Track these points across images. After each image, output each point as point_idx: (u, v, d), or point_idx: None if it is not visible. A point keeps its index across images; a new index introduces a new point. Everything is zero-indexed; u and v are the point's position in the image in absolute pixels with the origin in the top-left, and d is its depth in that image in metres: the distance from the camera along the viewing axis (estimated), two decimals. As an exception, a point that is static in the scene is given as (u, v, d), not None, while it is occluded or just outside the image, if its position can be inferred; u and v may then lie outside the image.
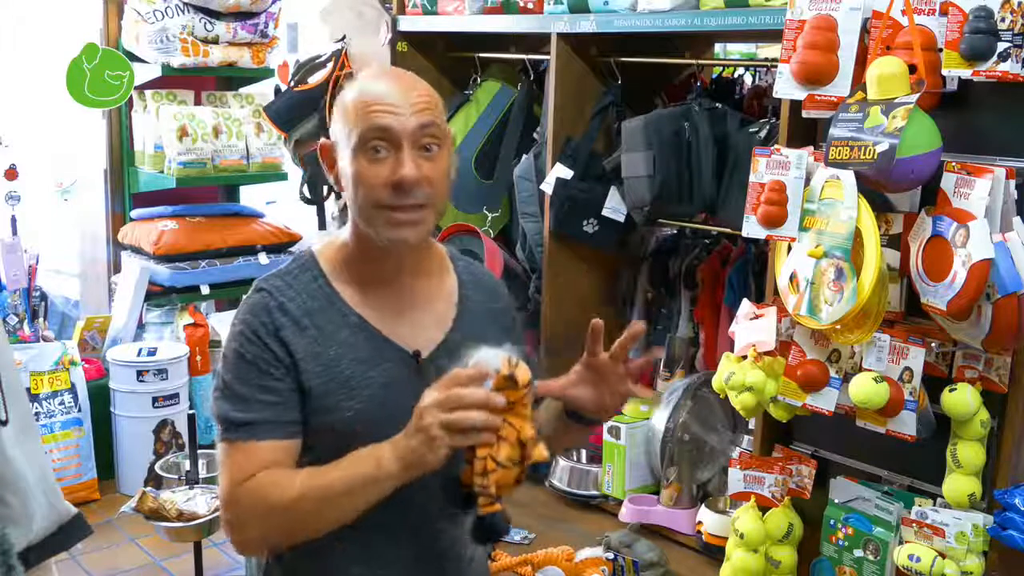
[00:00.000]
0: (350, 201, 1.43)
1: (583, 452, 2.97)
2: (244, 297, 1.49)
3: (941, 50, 1.82)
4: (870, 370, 1.91)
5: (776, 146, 2.06)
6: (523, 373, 1.28)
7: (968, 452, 1.87)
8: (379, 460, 1.30)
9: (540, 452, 1.31)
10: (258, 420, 1.40)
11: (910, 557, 1.91)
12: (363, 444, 1.34)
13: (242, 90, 4.95)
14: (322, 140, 1.50)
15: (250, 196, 5.24)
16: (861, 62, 1.93)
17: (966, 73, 1.78)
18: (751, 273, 2.76)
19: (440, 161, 1.42)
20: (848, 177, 1.87)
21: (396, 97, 1.38)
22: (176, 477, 3.24)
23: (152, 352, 4.26)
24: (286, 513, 1.37)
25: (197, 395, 4.49)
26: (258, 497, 1.38)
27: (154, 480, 3.73)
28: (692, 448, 2.65)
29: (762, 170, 2.03)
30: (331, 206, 3.76)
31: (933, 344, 1.91)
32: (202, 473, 3.25)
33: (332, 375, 1.42)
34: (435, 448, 1.26)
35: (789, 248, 2.01)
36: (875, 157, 1.78)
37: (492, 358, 1.28)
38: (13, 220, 4.18)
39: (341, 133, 1.44)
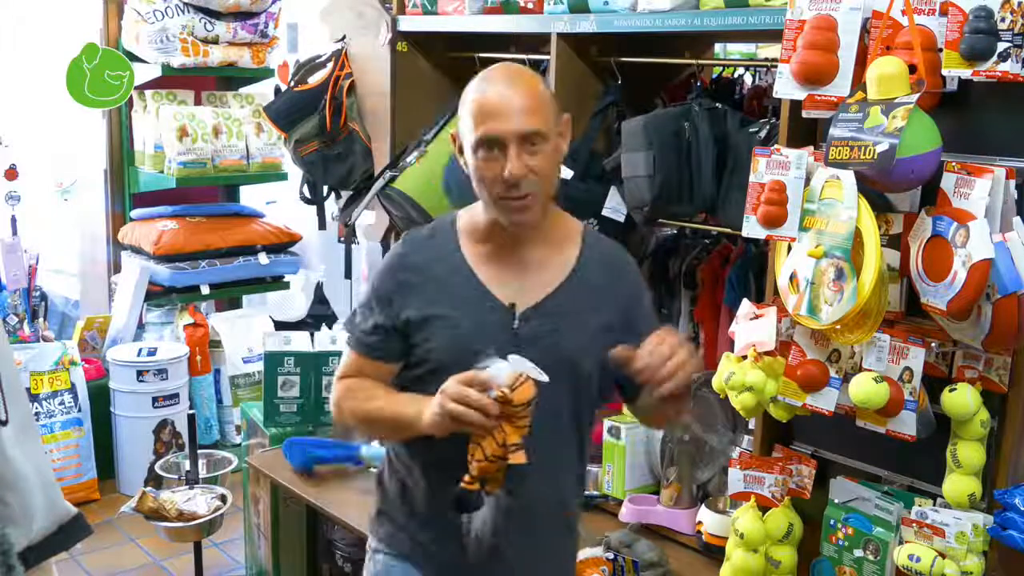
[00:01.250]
0: (475, 186, 1.69)
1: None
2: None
3: (941, 50, 1.82)
4: (870, 370, 1.91)
5: (776, 146, 2.06)
6: (521, 394, 1.51)
7: (968, 452, 1.87)
8: (419, 412, 1.60)
9: (518, 457, 1.54)
10: (361, 340, 1.77)
11: (910, 557, 1.91)
12: (447, 376, 1.56)
13: (242, 90, 4.95)
14: (452, 131, 1.75)
15: (250, 196, 5.24)
16: (861, 62, 1.93)
17: (966, 73, 1.78)
18: (751, 273, 2.75)
19: (546, 152, 1.64)
20: (848, 177, 1.87)
21: (506, 105, 1.61)
22: (176, 477, 3.25)
23: (152, 352, 4.27)
24: (347, 415, 1.78)
25: (197, 395, 4.50)
26: (340, 394, 1.79)
27: (154, 480, 3.73)
28: (692, 448, 2.65)
29: (762, 170, 2.03)
30: (331, 206, 3.76)
31: (933, 344, 1.91)
32: (202, 473, 3.25)
33: (432, 311, 1.69)
34: (441, 424, 1.55)
35: (789, 248, 2.01)
36: (875, 157, 1.78)
37: (503, 373, 1.52)
38: (13, 220, 4.19)
39: (465, 128, 1.66)
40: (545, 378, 1.54)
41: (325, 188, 3.71)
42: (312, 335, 3.34)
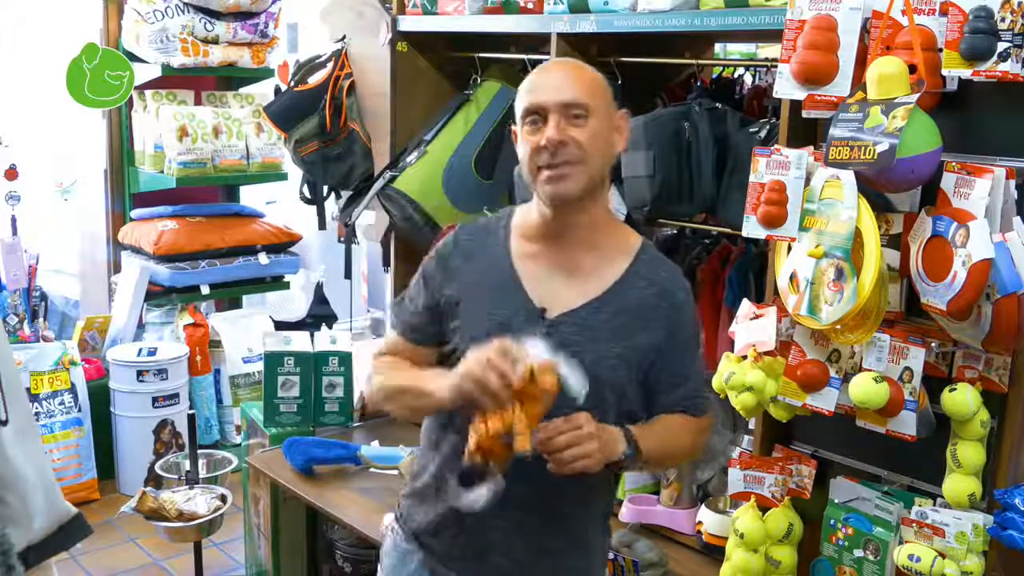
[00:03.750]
0: (523, 170, 1.70)
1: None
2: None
3: (941, 50, 1.82)
4: (870, 370, 1.91)
5: (776, 146, 2.06)
6: (547, 378, 1.48)
7: (968, 452, 1.87)
8: (439, 384, 1.60)
9: (522, 443, 1.49)
10: (403, 322, 1.81)
11: (910, 557, 1.91)
12: None
13: (242, 90, 4.95)
14: (512, 127, 1.75)
15: (250, 196, 5.24)
16: (861, 62, 1.93)
17: (966, 73, 1.78)
18: (751, 273, 2.75)
19: (591, 128, 1.63)
20: (848, 177, 1.87)
21: (552, 80, 1.66)
22: (176, 477, 3.24)
23: (152, 352, 4.27)
24: (376, 388, 1.79)
25: (197, 395, 4.50)
26: (373, 368, 1.81)
27: (154, 480, 3.73)
28: (692, 448, 2.65)
29: (762, 170, 2.03)
30: (331, 206, 3.76)
31: (933, 344, 1.91)
32: (202, 473, 3.25)
33: (467, 297, 1.71)
34: (459, 386, 1.54)
35: (789, 248, 2.01)
36: (875, 157, 1.78)
37: (536, 350, 1.51)
38: (13, 220, 4.19)
39: (516, 111, 1.70)
40: (581, 391, 1.52)
41: (325, 188, 3.71)
42: (312, 335, 3.34)
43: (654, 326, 1.71)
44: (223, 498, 3.08)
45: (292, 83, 3.67)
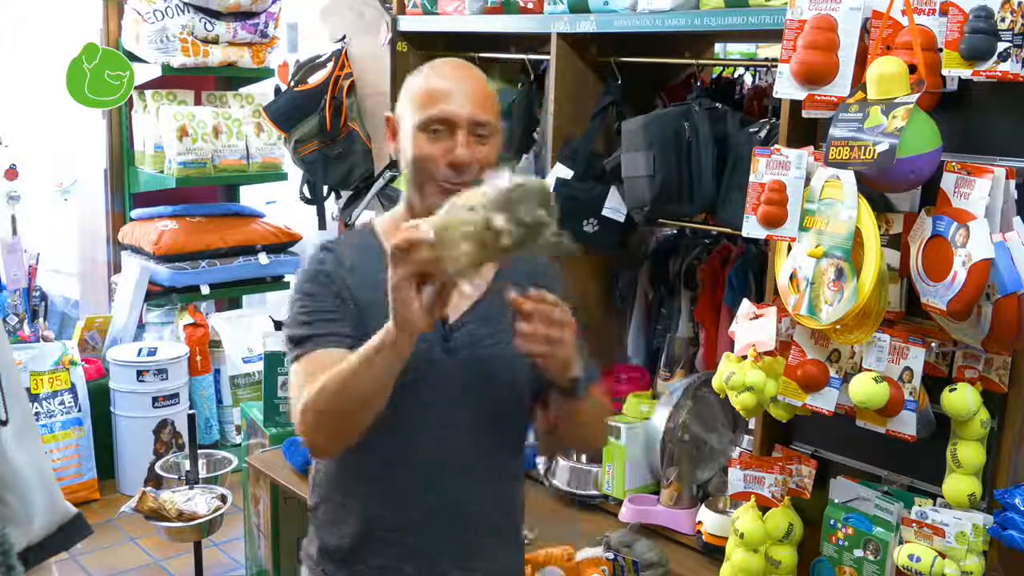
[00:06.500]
0: (405, 171, 1.64)
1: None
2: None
3: (941, 50, 1.82)
4: (870, 370, 1.91)
5: (776, 146, 2.06)
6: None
7: (968, 452, 1.87)
8: (380, 335, 1.45)
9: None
10: (319, 332, 1.60)
11: (910, 557, 1.91)
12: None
13: (242, 90, 4.95)
14: (387, 113, 1.70)
15: (250, 196, 5.24)
16: (861, 62, 1.93)
17: (966, 73, 1.78)
18: (751, 273, 2.76)
19: (491, 146, 1.62)
20: (848, 177, 1.87)
21: (462, 89, 1.61)
22: (176, 477, 3.24)
23: (152, 352, 4.27)
24: (328, 393, 1.50)
25: (197, 395, 4.50)
26: (312, 394, 1.52)
27: (154, 480, 3.73)
28: (692, 448, 2.65)
29: (762, 170, 2.03)
30: (331, 206, 3.76)
31: (933, 344, 1.91)
32: (202, 473, 3.25)
33: (365, 317, 1.58)
34: (406, 301, 1.37)
35: (789, 248, 2.01)
36: (875, 157, 1.78)
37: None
38: (13, 220, 4.19)
39: (411, 109, 1.63)
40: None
41: (325, 188, 3.71)
42: (312, 335, 3.33)
43: (535, 280, 1.64)
44: (223, 498, 3.08)
45: (292, 83, 3.67)
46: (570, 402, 1.60)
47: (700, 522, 2.51)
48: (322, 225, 3.77)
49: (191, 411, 3.47)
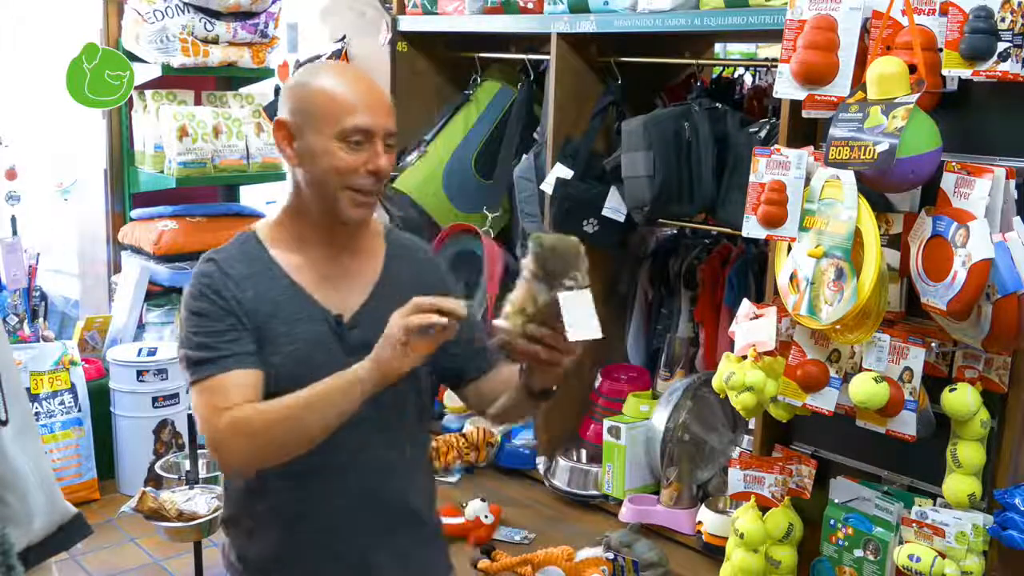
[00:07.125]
0: (312, 179, 1.59)
1: (583, 452, 2.97)
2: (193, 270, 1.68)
3: (941, 50, 1.82)
4: (870, 370, 1.91)
5: (776, 146, 2.06)
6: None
7: (968, 452, 1.87)
8: (356, 369, 1.49)
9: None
10: (221, 355, 1.55)
11: (910, 557, 1.91)
12: (292, 391, 1.50)
13: (242, 90, 4.94)
14: (279, 118, 1.62)
15: (250, 196, 5.24)
16: (861, 62, 1.93)
17: (966, 73, 1.78)
18: (751, 273, 2.76)
19: (391, 156, 1.62)
20: (848, 177, 1.87)
21: (375, 100, 1.59)
22: (176, 477, 3.24)
23: (152, 352, 4.26)
24: (275, 426, 1.51)
25: (197, 395, 4.48)
26: (243, 420, 1.51)
27: (154, 480, 3.72)
28: (692, 448, 2.65)
29: (762, 170, 2.03)
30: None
31: (933, 344, 1.91)
32: (202, 473, 3.24)
33: (263, 331, 1.58)
34: (401, 352, 1.45)
35: (789, 248, 2.01)
36: (875, 157, 1.78)
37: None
38: (13, 220, 4.18)
39: (321, 116, 1.57)
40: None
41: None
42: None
43: (430, 290, 1.62)
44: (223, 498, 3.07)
45: (292, 83, 3.66)
46: (533, 403, 1.61)
47: (700, 522, 2.51)
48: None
49: (191, 411, 3.47)
